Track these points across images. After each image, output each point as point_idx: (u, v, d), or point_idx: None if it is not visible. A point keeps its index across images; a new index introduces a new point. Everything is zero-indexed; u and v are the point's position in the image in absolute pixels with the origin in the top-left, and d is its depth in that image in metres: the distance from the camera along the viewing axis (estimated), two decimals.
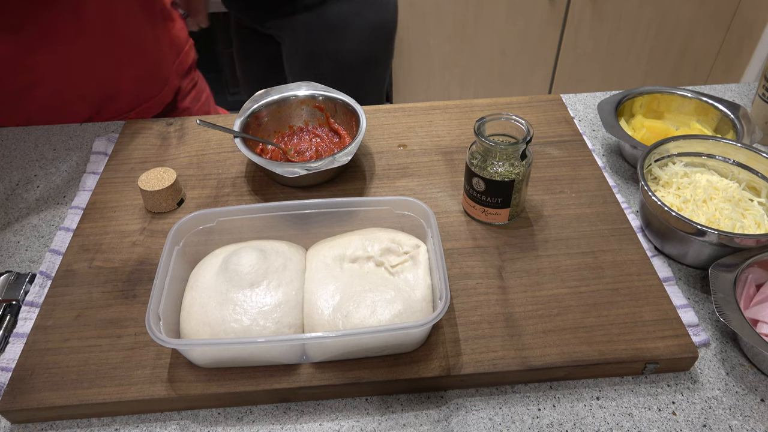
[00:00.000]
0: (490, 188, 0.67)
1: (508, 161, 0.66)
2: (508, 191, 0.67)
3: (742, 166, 0.72)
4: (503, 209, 0.69)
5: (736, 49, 2.15)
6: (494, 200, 0.68)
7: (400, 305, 0.56)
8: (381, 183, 0.78)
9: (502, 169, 0.66)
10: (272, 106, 0.83)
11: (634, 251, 0.67)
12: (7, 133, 0.90)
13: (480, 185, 0.68)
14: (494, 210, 0.69)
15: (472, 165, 0.67)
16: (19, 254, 0.72)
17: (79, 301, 0.63)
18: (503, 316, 0.61)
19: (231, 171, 0.80)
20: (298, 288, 0.59)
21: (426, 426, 0.55)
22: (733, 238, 0.61)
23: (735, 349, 0.60)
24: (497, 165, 0.66)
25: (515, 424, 0.55)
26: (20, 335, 0.61)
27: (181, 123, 0.88)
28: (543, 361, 0.57)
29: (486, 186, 0.67)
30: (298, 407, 0.57)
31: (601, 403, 0.56)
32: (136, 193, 0.77)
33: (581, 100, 0.94)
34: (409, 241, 0.62)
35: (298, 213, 0.64)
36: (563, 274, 0.65)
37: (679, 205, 0.69)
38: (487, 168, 0.66)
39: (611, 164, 0.83)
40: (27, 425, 0.56)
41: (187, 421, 0.56)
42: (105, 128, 0.91)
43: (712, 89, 0.96)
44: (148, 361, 0.58)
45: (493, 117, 0.67)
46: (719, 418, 0.55)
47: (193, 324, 0.57)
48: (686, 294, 0.66)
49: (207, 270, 0.60)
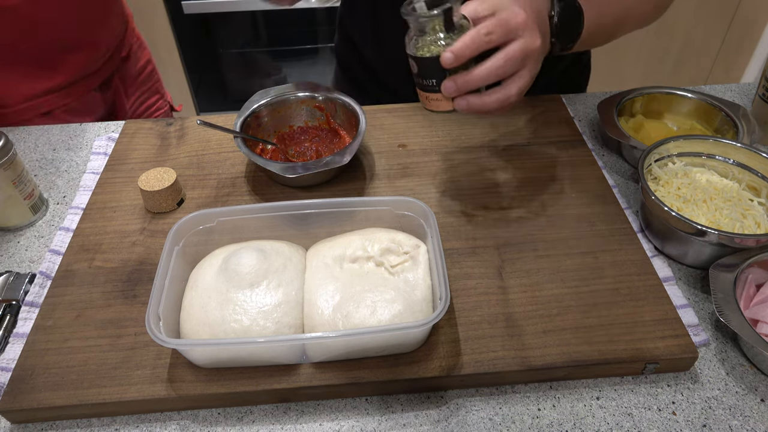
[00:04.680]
0: (421, 68, 0.62)
1: (435, 35, 0.60)
2: (438, 69, 0.60)
3: (742, 166, 0.72)
4: (441, 93, 0.62)
5: (736, 49, 2.15)
6: (429, 82, 0.62)
7: (400, 305, 0.56)
8: (381, 183, 0.78)
9: (432, 45, 0.61)
10: (272, 106, 0.83)
11: (634, 251, 0.67)
12: (7, 133, 0.90)
13: (414, 66, 0.63)
14: (433, 95, 0.63)
15: (407, 47, 0.63)
16: (19, 254, 0.72)
17: (79, 301, 0.63)
18: (503, 316, 0.61)
19: (231, 171, 0.80)
20: (298, 288, 0.59)
21: (426, 426, 0.55)
22: (733, 238, 0.61)
23: (735, 349, 0.60)
24: (427, 42, 0.61)
25: (515, 424, 0.55)
26: (20, 335, 0.61)
27: (181, 123, 0.88)
28: (543, 361, 0.57)
29: (417, 66, 0.62)
30: (298, 407, 0.57)
31: (601, 403, 0.56)
32: (136, 193, 0.77)
33: (581, 100, 0.94)
34: (409, 241, 0.62)
35: (298, 213, 0.64)
36: (563, 274, 0.65)
37: (679, 205, 0.69)
38: (421, 47, 0.61)
39: (611, 164, 0.83)
40: (27, 425, 0.56)
41: (187, 421, 0.56)
42: (105, 128, 0.91)
43: (712, 89, 0.96)
44: (148, 361, 0.58)
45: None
46: (719, 418, 0.55)
47: (193, 324, 0.57)
48: (686, 294, 0.66)
49: (207, 270, 0.60)
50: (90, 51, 0.99)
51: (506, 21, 0.60)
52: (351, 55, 1.02)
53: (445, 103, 0.63)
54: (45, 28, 0.91)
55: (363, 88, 1.04)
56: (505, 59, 0.60)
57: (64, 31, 0.94)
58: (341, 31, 1.04)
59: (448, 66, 0.59)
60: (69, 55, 0.96)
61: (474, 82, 0.60)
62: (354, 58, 1.02)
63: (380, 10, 0.91)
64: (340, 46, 1.06)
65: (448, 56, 0.58)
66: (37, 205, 0.75)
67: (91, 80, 1.02)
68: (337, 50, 1.08)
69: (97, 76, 1.02)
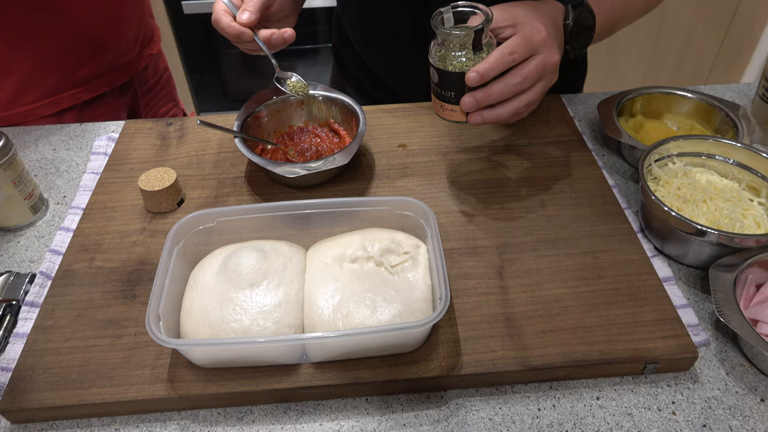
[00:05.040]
0: (442, 79, 0.65)
1: (461, 51, 0.63)
2: (460, 85, 0.64)
3: (742, 166, 0.72)
4: (457, 105, 0.66)
5: (736, 49, 2.15)
6: (448, 94, 0.65)
7: (400, 305, 0.56)
8: (381, 183, 0.78)
9: (456, 60, 0.63)
10: (272, 106, 0.83)
11: (634, 251, 0.67)
12: (8, 133, 0.90)
13: (434, 75, 0.65)
14: (450, 105, 0.66)
15: (431, 56, 0.65)
16: (19, 254, 0.72)
17: (79, 301, 0.63)
18: (503, 316, 0.61)
19: (231, 171, 0.80)
20: (298, 288, 0.59)
21: (426, 426, 0.55)
22: (733, 238, 0.61)
23: (735, 349, 0.60)
24: (452, 56, 0.63)
25: (515, 424, 0.55)
26: (20, 335, 0.61)
27: (181, 123, 0.88)
28: (543, 361, 0.57)
29: (439, 77, 0.65)
30: (298, 407, 0.57)
31: (601, 403, 0.56)
32: (136, 193, 0.77)
33: (581, 100, 0.94)
34: (409, 241, 0.62)
35: (298, 213, 0.64)
36: (563, 274, 0.65)
37: (679, 205, 0.69)
38: (445, 59, 0.64)
39: (611, 164, 0.83)
40: (27, 425, 0.56)
41: (187, 421, 0.56)
42: (105, 128, 0.91)
43: (712, 89, 0.96)
44: (148, 361, 0.58)
45: (451, 6, 0.64)
46: (719, 418, 0.55)
47: (193, 324, 0.57)
48: (686, 294, 0.66)
49: (207, 270, 0.60)
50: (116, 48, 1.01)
51: (529, 39, 0.62)
52: (348, 53, 1.02)
53: (460, 115, 0.67)
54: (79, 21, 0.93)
55: (361, 87, 1.04)
56: (522, 77, 0.63)
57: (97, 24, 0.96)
58: (338, 29, 1.04)
59: (472, 85, 0.63)
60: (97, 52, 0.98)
61: (492, 99, 0.63)
62: (350, 56, 1.02)
63: (372, 8, 0.91)
64: (338, 45, 1.06)
65: (473, 77, 0.61)
66: (37, 205, 0.75)
67: (113, 75, 1.03)
68: (335, 49, 1.08)
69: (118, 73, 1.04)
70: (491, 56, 0.61)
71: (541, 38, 0.63)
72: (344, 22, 0.99)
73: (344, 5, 0.98)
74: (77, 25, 0.94)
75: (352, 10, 0.95)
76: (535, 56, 0.63)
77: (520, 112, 0.66)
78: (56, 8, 0.91)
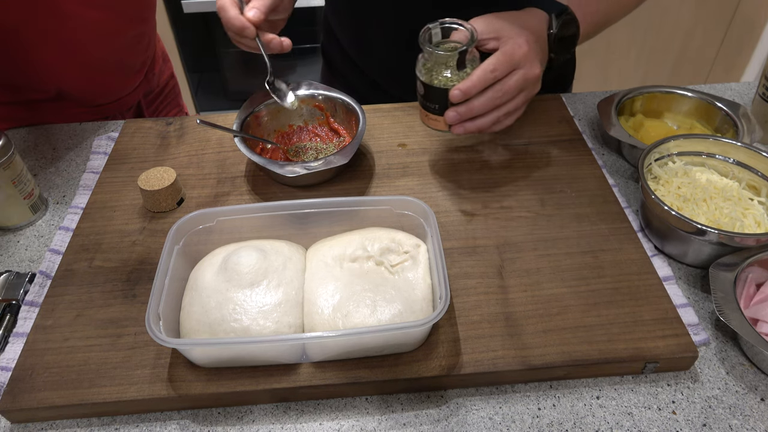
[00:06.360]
0: (427, 93, 0.69)
1: (446, 69, 0.67)
2: (443, 99, 0.67)
3: (742, 165, 0.72)
4: (440, 117, 0.69)
5: (736, 49, 2.15)
6: (433, 106, 0.69)
7: (400, 305, 0.56)
8: (381, 182, 0.78)
9: (441, 76, 0.67)
10: (272, 105, 0.83)
11: (634, 250, 0.67)
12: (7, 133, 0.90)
13: (421, 88, 0.69)
14: (434, 116, 0.70)
15: (417, 68, 0.69)
16: (19, 254, 0.72)
17: (79, 301, 0.63)
18: (503, 315, 0.61)
19: (231, 171, 0.80)
20: (298, 287, 0.59)
21: (426, 425, 0.55)
22: (733, 238, 0.61)
23: (735, 348, 0.60)
24: (437, 72, 0.68)
25: (515, 424, 0.55)
26: (20, 335, 0.61)
27: (180, 123, 0.88)
28: (543, 360, 0.57)
29: (425, 90, 0.69)
30: (298, 407, 0.57)
31: (601, 402, 0.56)
32: (136, 193, 0.77)
33: (581, 100, 0.94)
34: (409, 241, 0.62)
35: (297, 213, 0.64)
36: (563, 273, 0.65)
37: (679, 205, 0.69)
38: (431, 73, 0.68)
39: (611, 164, 0.83)
40: (27, 425, 0.56)
41: (187, 420, 0.56)
42: (105, 128, 0.91)
43: (712, 88, 0.96)
44: (148, 360, 0.57)
45: (439, 23, 0.68)
46: (719, 417, 0.55)
47: (193, 324, 0.57)
48: (686, 293, 0.66)
49: (207, 270, 0.60)
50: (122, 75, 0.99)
51: (510, 55, 0.65)
52: (337, 53, 1.02)
53: (443, 125, 0.71)
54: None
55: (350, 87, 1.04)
56: (503, 92, 0.66)
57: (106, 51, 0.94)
58: (326, 30, 1.03)
59: (456, 101, 0.66)
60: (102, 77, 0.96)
61: (474, 113, 0.67)
62: (340, 56, 1.02)
63: (361, 10, 0.91)
64: (326, 45, 1.06)
65: (457, 94, 0.65)
66: (37, 205, 0.75)
67: (122, 103, 1.02)
68: (323, 49, 1.08)
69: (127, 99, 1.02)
70: (474, 74, 0.64)
71: (522, 53, 0.65)
72: (333, 22, 0.99)
73: (333, 6, 0.98)
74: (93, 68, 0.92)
75: (341, 12, 0.95)
76: (517, 71, 0.66)
77: (500, 121, 0.69)
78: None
